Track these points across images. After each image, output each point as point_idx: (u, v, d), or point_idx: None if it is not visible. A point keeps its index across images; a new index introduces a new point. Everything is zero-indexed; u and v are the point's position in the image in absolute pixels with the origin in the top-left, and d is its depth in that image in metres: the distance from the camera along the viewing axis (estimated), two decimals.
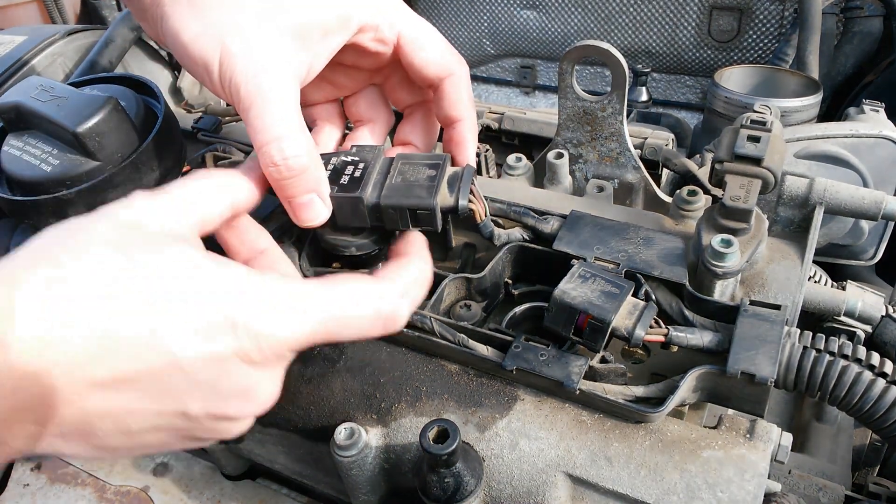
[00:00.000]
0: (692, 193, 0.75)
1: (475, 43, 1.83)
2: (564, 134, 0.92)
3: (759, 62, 1.52)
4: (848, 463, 0.92)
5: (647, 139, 1.01)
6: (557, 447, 0.58)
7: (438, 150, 0.72)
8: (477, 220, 0.65)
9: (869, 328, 0.83)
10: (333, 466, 0.64)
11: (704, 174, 0.92)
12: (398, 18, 0.62)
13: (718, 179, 0.66)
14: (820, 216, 0.70)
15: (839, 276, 1.05)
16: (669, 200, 0.90)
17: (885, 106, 1.04)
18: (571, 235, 0.69)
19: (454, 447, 0.53)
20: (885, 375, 0.57)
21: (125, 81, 0.79)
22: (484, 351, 0.62)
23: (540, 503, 0.58)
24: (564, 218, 0.71)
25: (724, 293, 0.65)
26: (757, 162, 0.64)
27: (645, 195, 0.93)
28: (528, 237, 0.72)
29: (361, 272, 0.56)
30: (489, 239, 0.69)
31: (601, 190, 0.88)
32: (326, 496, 0.77)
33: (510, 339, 0.61)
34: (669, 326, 0.59)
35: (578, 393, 0.57)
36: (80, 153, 0.68)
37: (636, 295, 0.61)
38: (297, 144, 0.54)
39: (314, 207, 0.57)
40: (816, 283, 0.85)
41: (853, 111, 1.05)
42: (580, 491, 0.58)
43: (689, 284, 0.63)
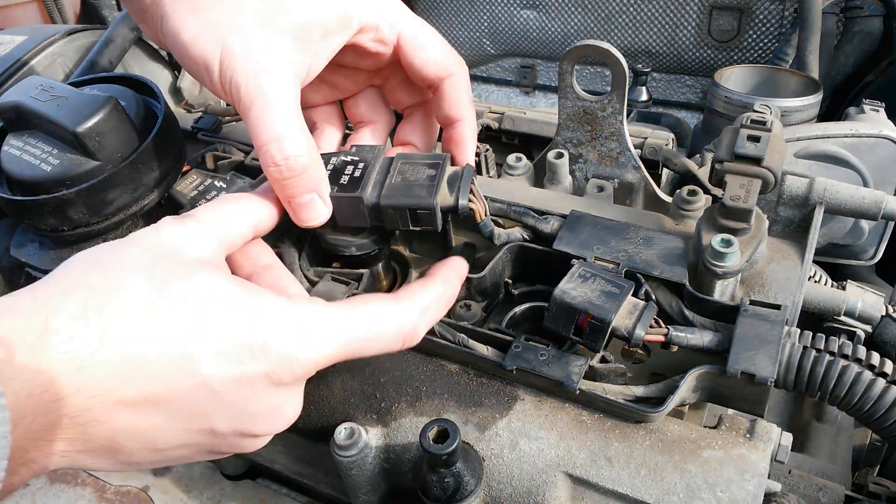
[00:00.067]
0: (692, 193, 0.75)
1: (475, 43, 1.83)
2: (564, 134, 0.92)
3: (759, 62, 1.52)
4: (848, 463, 0.92)
5: (647, 139, 1.01)
6: (557, 447, 0.58)
7: (438, 149, 0.72)
8: (477, 219, 0.65)
9: (869, 328, 0.83)
10: (333, 466, 0.64)
11: (704, 174, 0.92)
12: (398, 19, 0.62)
13: (718, 179, 0.66)
14: (820, 216, 0.70)
15: (839, 275, 1.05)
16: (669, 200, 0.90)
17: (885, 106, 1.04)
18: (571, 235, 0.69)
19: (454, 447, 0.53)
20: (885, 375, 0.57)
21: (125, 81, 0.79)
22: (484, 351, 0.62)
23: (540, 503, 0.58)
24: (564, 218, 0.71)
25: (724, 293, 0.65)
26: (757, 162, 0.64)
27: (645, 195, 0.93)
28: (528, 237, 0.72)
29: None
30: (489, 239, 0.69)
31: (601, 190, 0.88)
32: (326, 496, 0.77)
33: (510, 339, 0.61)
34: (669, 326, 0.59)
35: (578, 393, 0.57)
36: (80, 153, 0.68)
37: (636, 295, 0.61)
38: (297, 144, 0.54)
39: (315, 207, 0.57)
40: (816, 282, 0.85)
41: (853, 111, 1.05)
42: (580, 491, 0.58)
43: (689, 284, 0.63)
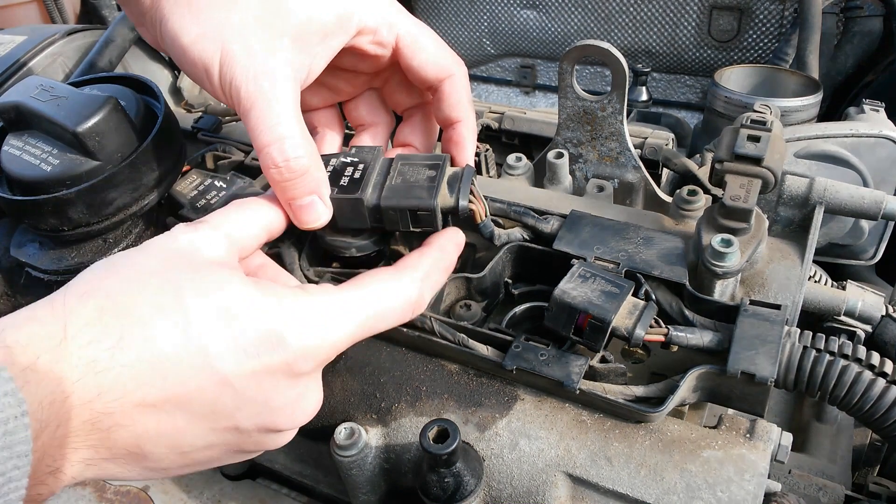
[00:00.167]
0: (692, 193, 0.75)
1: (475, 43, 1.83)
2: (564, 134, 0.92)
3: (759, 62, 1.52)
4: (848, 463, 0.92)
5: (647, 139, 1.01)
6: (557, 447, 0.58)
7: (438, 150, 0.72)
8: (477, 220, 0.65)
9: (869, 328, 0.83)
10: (333, 466, 0.64)
11: (704, 174, 0.92)
12: (396, 21, 0.62)
13: (718, 179, 0.66)
14: (820, 216, 0.70)
15: (839, 275, 1.05)
16: (669, 200, 0.90)
17: (885, 106, 1.04)
18: (571, 235, 0.69)
19: (454, 447, 0.53)
20: (885, 375, 0.57)
21: (125, 81, 0.79)
22: (484, 351, 0.62)
23: (540, 503, 0.58)
24: (564, 218, 0.71)
25: (724, 293, 0.65)
26: (757, 162, 0.64)
27: (645, 195, 0.93)
28: (528, 237, 0.72)
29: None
30: (489, 239, 0.69)
31: (601, 190, 0.88)
32: (326, 496, 0.77)
33: (510, 338, 0.61)
34: (669, 326, 0.59)
35: (578, 393, 0.57)
36: (80, 153, 0.68)
37: (636, 295, 0.61)
38: (298, 146, 0.54)
39: (315, 209, 0.57)
40: (816, 282, 0.85)
41: (853, 111, 1.05)
42: (580, 491, 0.58)
43: (689, 284, 0.63)
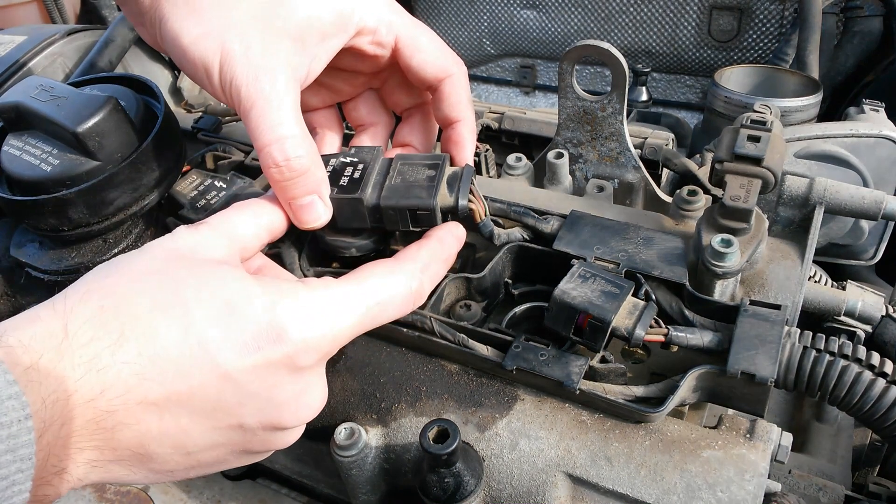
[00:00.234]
0: (692, 193, 0.75)
1: (475, 43, 1.83)
2: (564, 134, 0.92)
3: (759, 62, 1.52)
4: (848, 463, 0.92)
5: (647, 139, 1.01)
6: (557, 447, 0.58)
7: (438, 150, 0.72)
8: (476, 219, 0.65)
9: (869, 328, 0.83)
10: (333, 466, 0.64)
11: (704, 174, 0.92)
12: (395, 21, 0.62)
13: (718, 179, 0.66)
14: (820, 216, 0.70)
15: (839, 275, 1.05)
16: (669, 200, 0.90)
17: (885, 106, 1.04)
18: (571, 235, 0.69)
19: (454, 447, 0.53)
20: (885, 375, 0.57)
21: (125, 81, 0.79)
22: (484, 351, 0.62)
23: (540, 503, 0.58)
24: (564, 218, 0.71)
25: (724, 293, 0.65)
26: (757, 162, 0.64)
27: (645, 195, 0.93)
28: (528, 237, 0.72)
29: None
30: (489, 239, 0.69)
31: (601, 190, 0.88)
32: (326, 496, 0.77)
33: (510, 338, 0.61)
34: (669, 326, 0.59)
35: (578, 393, 0.57)
36: (80, 153, 0.68)
37: (636, 295, 0.61)
38: (298, 145, 0.54)
39: (315, 209, 0.57)
40: (816, 282, 0.85)
41: (853, 111, 1.05)
42: (580, 491, 0.58)
43: (689, 284, 0.63)
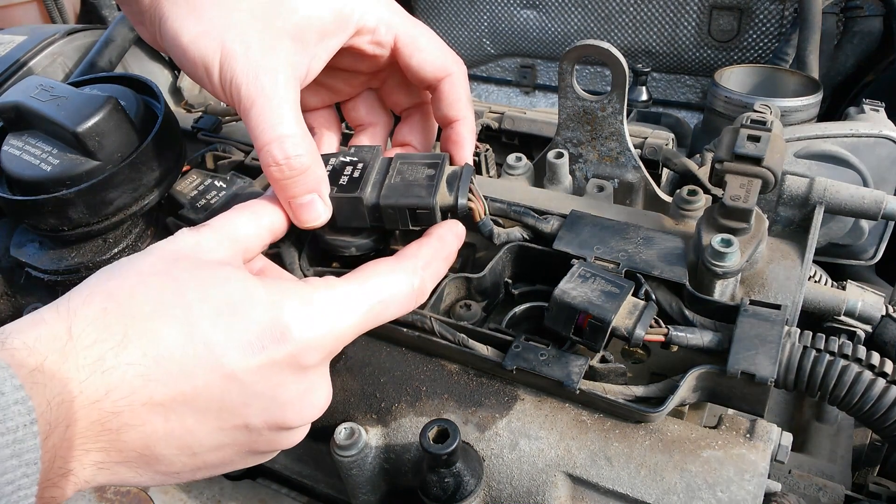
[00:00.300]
0: (692, 193, 0.75)
1: (475, 43, 1.83)
2: (564, 133, 0.92)
3: (759, 62, 1.52)
4: (848, 463, 0.92)
5: (647, 139, 1.01)
6: (557, 447, 0.58)
7: (437, 150, 0.72)
8: (476, 218, 0.65)
9: (869, 328, 0.83)
10: (333, 466, 0.64)
11: (704, 174, 0.92)
12: (394, 21, 0.63)
13: (718, 179, 0.66)
14: (820, 216, 0.70)
15: (839, 275, 1.05)
16: (669, 200, 0.90)
17: (885, 105, 1.04)
18: (571, 235, 0.69)
19: (454, 447, 0.53)
20: (885, 375, 0.57)
21: (125, 81, 0.79)
22: (484, 351, 0.62)
23: (540, 503, 0.58)
24: (564, 218, 0.71)
25: (724, 293, 0.65)
26: (757, 161, 0.64)
27: (645, 195, 0.93)
28: (527, 237, 0.72)
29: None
30: (489, 238, 0.69)
31: (601, 190, 0.88)
32: (326, 496, 0.77)
33: (510, 338, 0.61)
34: (669, 326, 0.59)
35: (578, 393, 0.57)
36: (80, 153, 0.68)
37: (636, 295, 0.61)
38: (298, 144, 0.54)
39: (315, 208, 0.57)
40: (816, 282, 0.85)
41: (853, 111, 1.05)
42: (580, 491, 0.58)
43: (689, 284, 0.63)
